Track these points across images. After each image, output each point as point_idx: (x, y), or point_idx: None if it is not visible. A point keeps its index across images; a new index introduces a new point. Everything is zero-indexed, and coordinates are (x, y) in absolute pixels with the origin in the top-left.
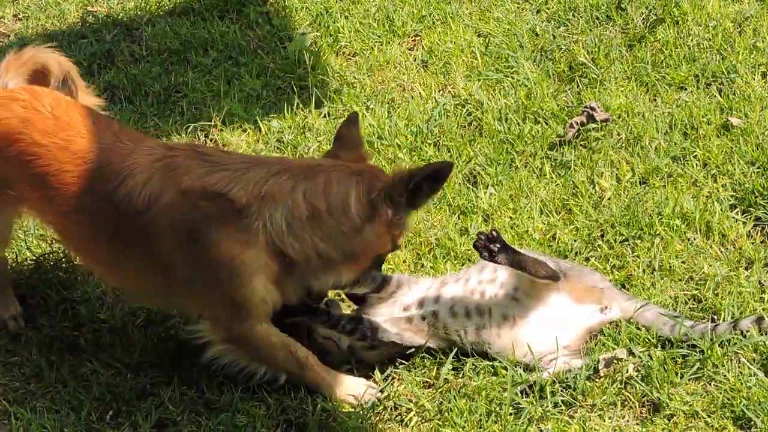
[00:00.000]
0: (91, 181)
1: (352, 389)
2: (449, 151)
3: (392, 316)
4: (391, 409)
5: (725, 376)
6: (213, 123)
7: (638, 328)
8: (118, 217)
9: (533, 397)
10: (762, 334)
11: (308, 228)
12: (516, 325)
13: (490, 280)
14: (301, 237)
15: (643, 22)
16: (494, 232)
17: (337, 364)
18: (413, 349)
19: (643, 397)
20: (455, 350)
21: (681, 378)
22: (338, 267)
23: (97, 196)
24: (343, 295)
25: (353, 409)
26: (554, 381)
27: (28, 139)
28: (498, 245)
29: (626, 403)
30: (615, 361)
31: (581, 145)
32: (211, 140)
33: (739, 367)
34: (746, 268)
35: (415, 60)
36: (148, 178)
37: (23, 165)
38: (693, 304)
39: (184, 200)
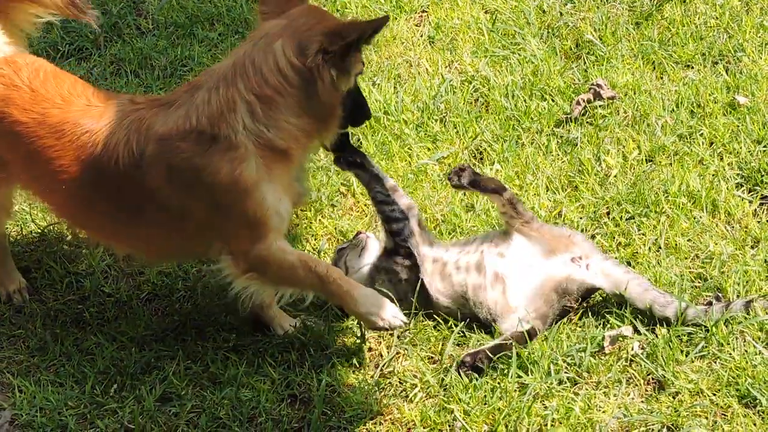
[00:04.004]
0: (74, 152)
1: (377, 307)
2: (456, 128)
3: None
4: (396, 384)
5: (730, 354)
6: None
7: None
8: (111, 181)
9: (538, 373)
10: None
11: (277, 115)
12: (506, 289)
13: (491, 243)
14: (280, 126)
15: (650, 0)
16: (463, 165)
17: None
18: None
19: (648, 374)
20: (460, 325)
21: (686, 356)
22: (320, 132)
23: (83, 166)
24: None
25: (358, 384)
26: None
27: (9, 119)
28: (464, 174)
29: (631, 380)
30: (620, 339)
31: (588, 122)
32: None
33: (744, 345)
34: (752, 247)
35: (421, 36)
36: (126, 136)
37: (9, 146)
38: (698, 283)
39: (165, 147)
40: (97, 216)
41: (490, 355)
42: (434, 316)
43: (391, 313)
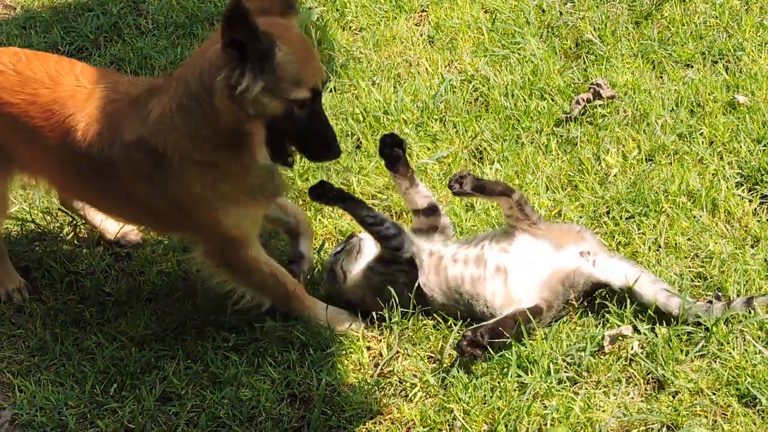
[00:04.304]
0: (62, 134)
1: (335, 322)
2: (455, 127)
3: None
4: (395, 384)
5: (730, 353)
6: None
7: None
8: (94, 168)
9: (538, 373)
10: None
11: (200, 131)
12: (507, 279)
13: (493, 240)
14: (203, 144)
15: None
16: (463, 171)
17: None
18: None
19: (647, 374)
20: (460, 324)
21: (686, 355)
22: (243, 150)
23: (69, 149)
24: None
25: (358, 384)
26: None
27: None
28: (465, 180)
29: (631, 380)
30: (620, 338)
31: (587, 121)
32: None
33: (744, 344)
34: (752, 246)
35: (421, 35)
36: (103, 128)
37: (2, 127)
38: (698, 282)
39: (129, 154)
40: (93, 195)
41: (491, 329)
42: (434, 315)
43: (348, 327)
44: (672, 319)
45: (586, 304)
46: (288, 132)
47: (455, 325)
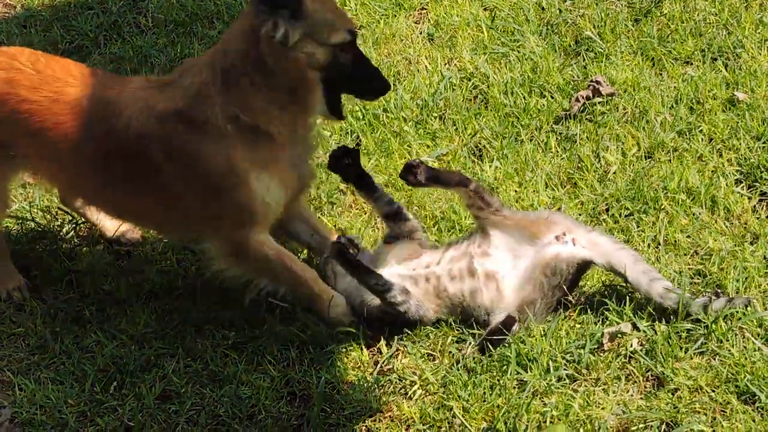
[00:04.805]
0: (91, 127)
1: (342, 315)
2: (455, 125)
3: (400, 273)
4: (395, 381)
5: (729, 350)
6: None
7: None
8: (122, 155)
9: (537, 370)
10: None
11: (245, 95)
12: (499, 284)
13: (474, 245)
14: (250, 106)
15: None
16: (415, 161)
17: None
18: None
19: (647, 371)
20: (458, 320)
21: (685, 352)
22: (302, 107)
23: (97, 142)
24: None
25: (357, 382)
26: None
27: (15, 98)
28: (419, 170)
29: (630, 377)
30: (619, 336)
31: (587, 119)
32: None
33: (743, 341)
34: (751, 243)
35: (421, 33)
36: (138, 110)
37: (17, 124)
38: (698, 279)
39: (164, 126)
40: (105, 189)
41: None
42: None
43: (349, 319)
44: (671, 316)
45: (583, 300)
46: (341, 79)
47: (455, 323)
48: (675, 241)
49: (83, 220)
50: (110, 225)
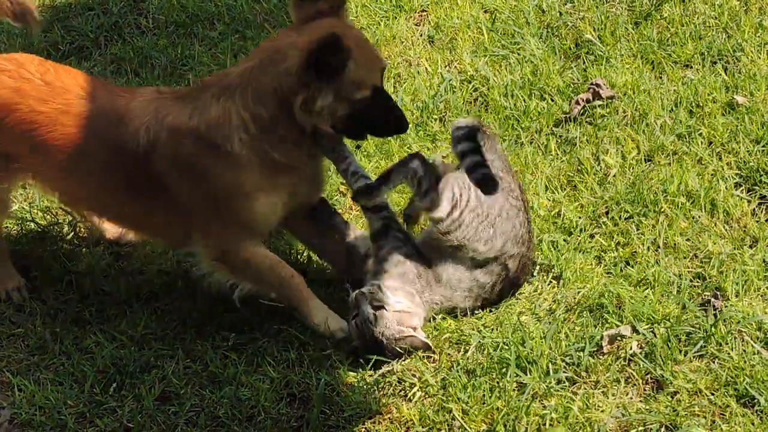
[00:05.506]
0: (99, 137)
1: (331, 321)
2: None
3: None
4: (395, 383)
5: (729, 354)
6: None
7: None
8: (129, 164)
9: (537, 373)
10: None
11: (269, 134)
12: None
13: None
14: (273, 143)
15: (650, 0)
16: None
17: None
18: None
19: (646, 374)
20: (459, 324)
21: (684, 355)
22: (313, 142)
23: (107, 151)
24: None
25: (357, 383)
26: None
27: (24, 108)
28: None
29: (630, 380)
30: (619, 338)
31: (587, 121)
32: None
33: (742, 345)
34: (750, 246)
35: (421, 35)
36: (148, 121)
37: (23, 135)
38: (697, 282)
39: (174, 139)
40: (106, 196)
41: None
42: (433, 316)
43: (336, 326)
44: (671, 319)
45: (583, 302)
46: (357, 122)
47: (454, 324)
48: (674, 244)
49: (83, 220)
50: (110, 227)
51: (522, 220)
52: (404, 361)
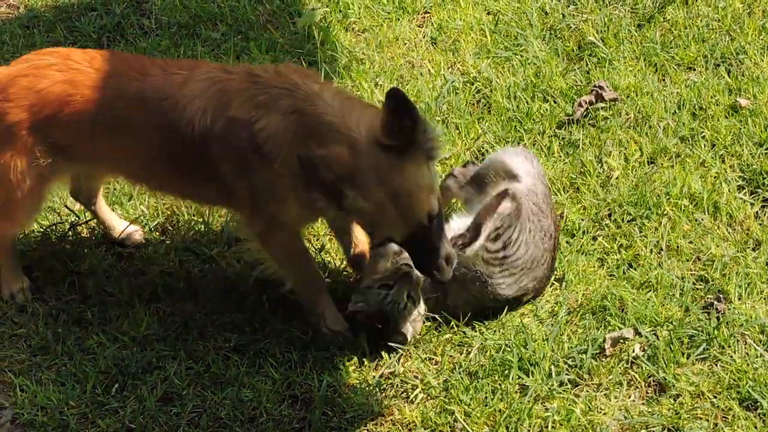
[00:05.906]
0: (154, 120)
1: (335, 326)
2: (457, 129)
3: None
4: (397, 385)
5: (731, 357)
6: None
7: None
8: (185, 147)
9: (539, 375)
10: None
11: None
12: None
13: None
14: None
15: (653, 2)
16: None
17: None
18: None
19: (649, 377)
20: (458, 326)
21: (687, 358)
22: None
23: (161, 132)
24: None
25: (359, 385)
26: None
27: (80, 98)
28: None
29: (632, 382)
30: (621, 341)
31: (590, 124)
32: None
33: (745, 348)
34: (753, 249)
35: (424, 37)
36: (205, 105)
37: (80, 124)
38: (700, 285)
39: (231, 129)
40: (171, 181)
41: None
42: (435, 317)
43: (339, 331)
44: (673, 322)
45: (585, 305)
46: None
47: (456, 326)
48: (677, 247)
49: (85, 220)
50: (117, 226)
51: (548, 258)
52: (406, 362)
